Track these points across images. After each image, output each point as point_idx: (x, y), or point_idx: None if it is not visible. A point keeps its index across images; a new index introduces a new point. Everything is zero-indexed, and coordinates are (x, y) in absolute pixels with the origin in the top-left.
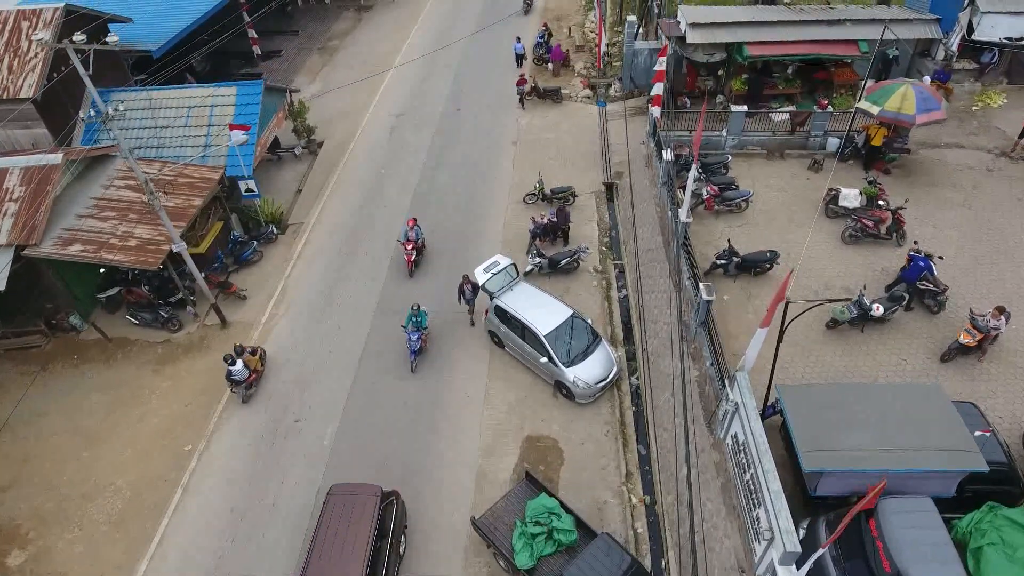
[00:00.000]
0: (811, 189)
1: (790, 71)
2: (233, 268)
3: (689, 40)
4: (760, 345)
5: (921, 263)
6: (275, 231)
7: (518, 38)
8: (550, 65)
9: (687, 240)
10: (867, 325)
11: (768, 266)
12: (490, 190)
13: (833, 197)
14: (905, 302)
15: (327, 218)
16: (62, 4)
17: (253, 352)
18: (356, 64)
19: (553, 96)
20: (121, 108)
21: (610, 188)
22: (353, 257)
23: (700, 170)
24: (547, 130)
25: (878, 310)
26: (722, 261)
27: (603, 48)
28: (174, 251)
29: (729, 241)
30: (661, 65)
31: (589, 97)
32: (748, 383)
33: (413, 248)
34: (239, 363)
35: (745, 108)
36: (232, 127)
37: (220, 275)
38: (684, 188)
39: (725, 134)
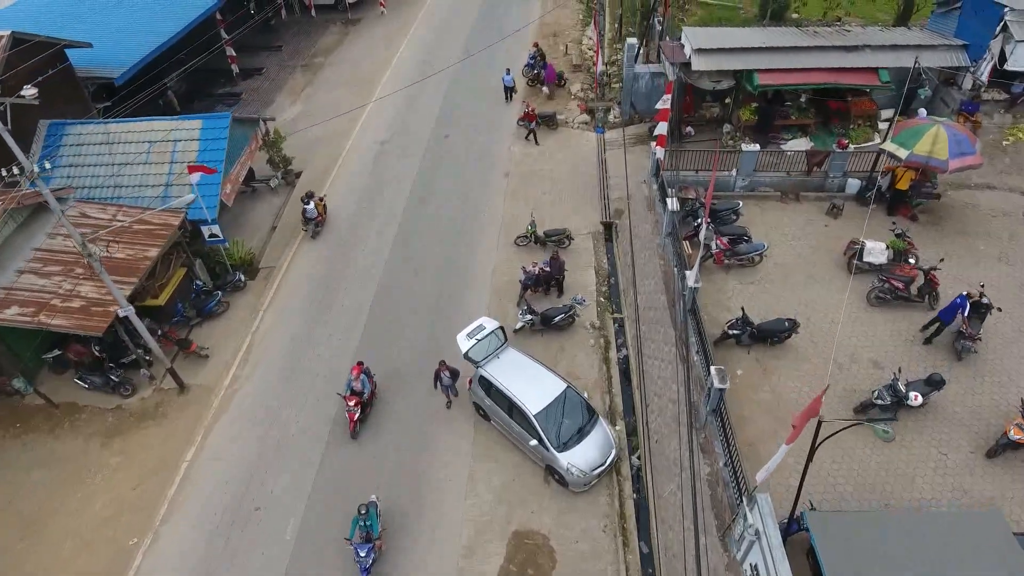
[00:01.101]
0: (830, 238)
1: (803, 100)
2: (196, 321)
3: (695, 67)
4: (781, 458)
5: (957, 300)
6: (243, 278)
7: (508, 70)
8: (544, 88)
9: (695, 306)
10: (901, 410)
11: (787, 335)
12: (479, 229)
13: (857, 252)
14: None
15: (301, 261)
16: (8, 32)
17: (320, 199)
18: (340, 84)
19: (548, 122)
20: (48, 167)
21: (609, 228)
22: (327, 308)
23: (708, 220)
24: (541, 160)
25: (916, 400)
26: (735, 332)
27: (601, 68)
28: (120, 316)
29: (743, 310)
30: (665, 103)
31: (587, 123)
32: (771, 508)
33: (357, 405)
34: (311, 203)
35: (757, 148)
36: (191, 168)
37: (180, 330)
38: (691, 239)
39: (735, 174)
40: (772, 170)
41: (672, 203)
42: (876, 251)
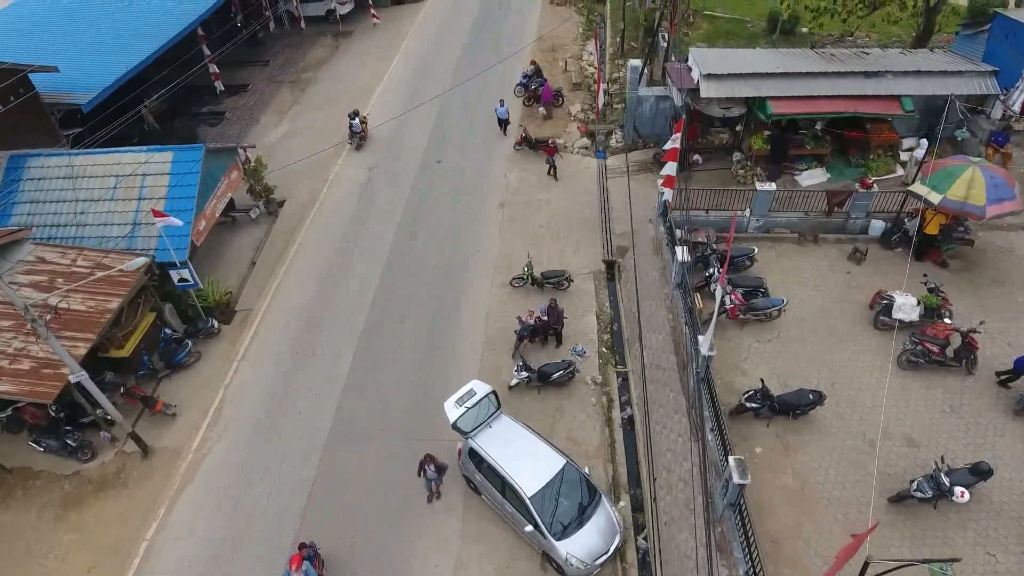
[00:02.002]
0: (854, 287)
1: (818, 128)
2: (164, 374)
3: (704, 94)
4: None
5: None
6: (216, 325)
7: (501, 101)
8: (541, 108)
9: (709, 374)
10: (941, 500)
11: (810, 408)
12: (472, 268)
13: (885, 307)
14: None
15: (281, 303)
16: None
17: (363, 118)
18: (329, 102)
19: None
20: None
21: (611, 267)
22: (306, 359)
23: (720, 269)
24: (539, 189)
25: (963, 497)
26: (753, 405)
27: (603, 99)
28: (72, 382)
29: (763, 381)
30: (675, 142)
31: (587, 148)
32: None
33: None
34: (356, 120)
35: (773, 187)
36: (156, 213)
37: (147, 384)
38: (702, 288)
39: (748, 215)
40: (789, 210)
41: (681, 254)
42: (906, 307)
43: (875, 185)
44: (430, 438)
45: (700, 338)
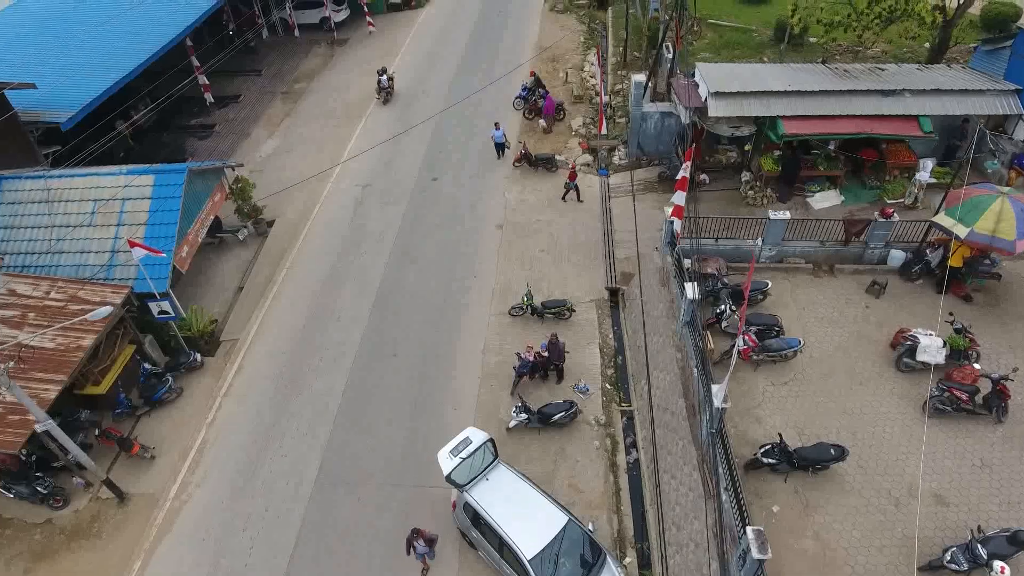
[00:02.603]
0: (873, 324)
1: (831, 147)
2: (143, 411)
3: (712, 113)
4: None
5: None
6: (199, 358)
7: (497, 124)
8: (541, 121)
9: (722, 427)
10: (978, 570)
11: (832, 463)
12: (468, 295)
13: (909, 348)
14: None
15: (268, 333)
16: None
17: (391, 76)
18: (322, 115)
19: (547, 165)
20: None
21: (615, 293)
22: (294, 395)
23: (734, 307)
24: (539, 209)
25: (1003, 572)
26: (770, 461)
27: (605, 98)
28: (38, 432)
29: (780, 437)
30: (685, 171)
31: (589, 165)
32: None
33: None
34: (385, 76)
35: (787, 216)
36: (132, 243)
37: (124, 423)
38: (713, 325)
39: (760, 243)
40: (803, 238)
41: (692, 291)
42: (932, 349)
43: (896, 214)
44: (423, 484)
45: (713, 388)
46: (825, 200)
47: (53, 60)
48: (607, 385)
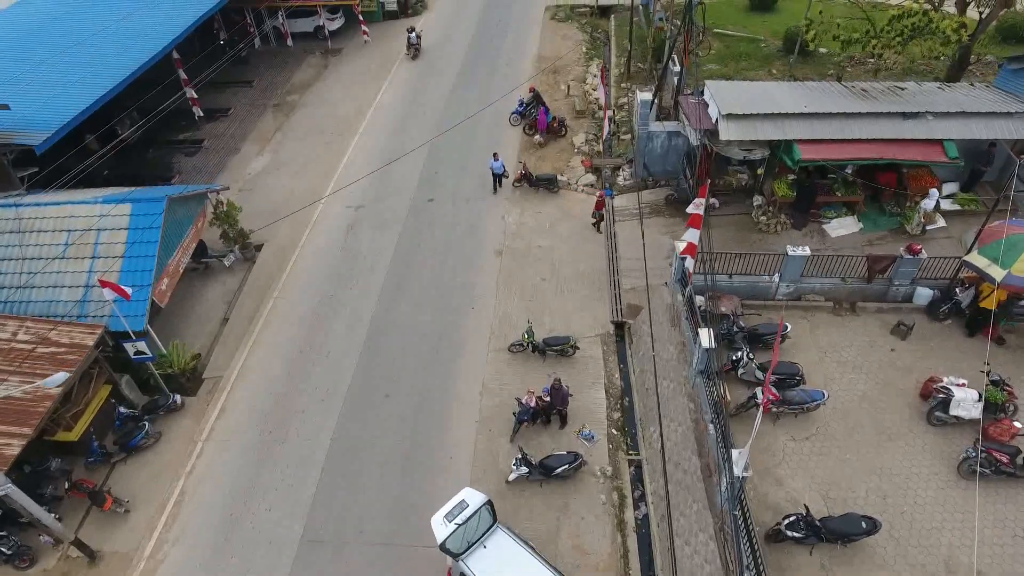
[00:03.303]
0: (900, 369)
1: (849, 171)
2: (119, 458)
3: (723, 136)
4: None
5: None
6: (179, 400)
7: (495, 155)
8: (537, 136)
9: (743, 494)
10: None
11: (863, 536)
12: (466, 328)
13: (942, 402)
14: None
15: (253, 371)
16: None
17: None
18: (314, 130)
19: (548, 185)
20: None
21: (621, 326)
22: (279, 440)
23: (750, 353)
24: (540, 234)
25: None
26: (795, 534)
27: (608, 113)
28: None
29: (807, 508)
30: (699, 208)
31: (592, 185)
32: None
33: None
34: (414, 34)
35: (806, 252)
36: (103, 283)
37: (98, 471)
38: (729, 371)
39: (777, 280)
40: (823, 274)
41: (706, 338)
42: (966, 403)
43: (924, 251)
44: (415, 543)
45: (734, 453)
46: (842, 227)
47: (30, 77)
48: (613, 431)
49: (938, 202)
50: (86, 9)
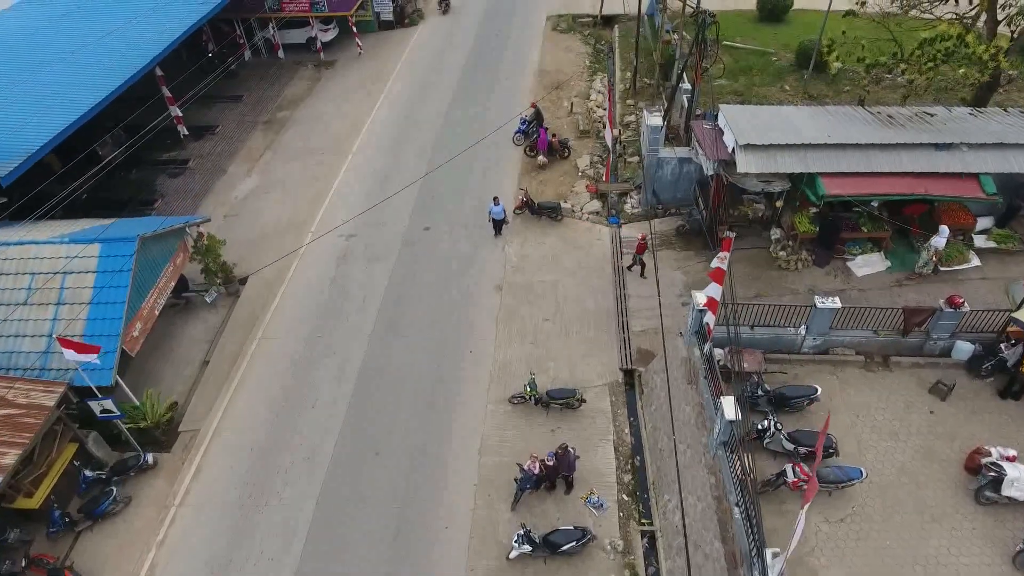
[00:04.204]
0: (941, 435)
1: (875, 204)
2: (84, 526)
3: (741, 169)
4: None
5: None
6: (150, 459)
7: (496, 199)
8: (541, 157)
9: None
10: None
11: None
12: (463, 376)
13: (992, 481)
14: None
15: (232, 423)
16: None
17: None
18: (305, 151)
19: (551, 214)
20: None
21: (630, 374)
22: (259, 504)
23: (778, 422)
24: (543, 267)
25: None
26: None
27: (613, 131)
28: None
29: None
30: (722, 262)
31: (598, 213)
32: None
33: None
34: None
35: (837, 302)
36: (64, 344)
37: (61, 541)
38: (752, 440)
39: (803, 332)
40: (854, 326)
41: (730, 409)
42: (1020, 482)
43: (966, 303)
44: None
45: (767, 555)
46: (868, 265)
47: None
48: (624, 496)
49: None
50: (63, 24)
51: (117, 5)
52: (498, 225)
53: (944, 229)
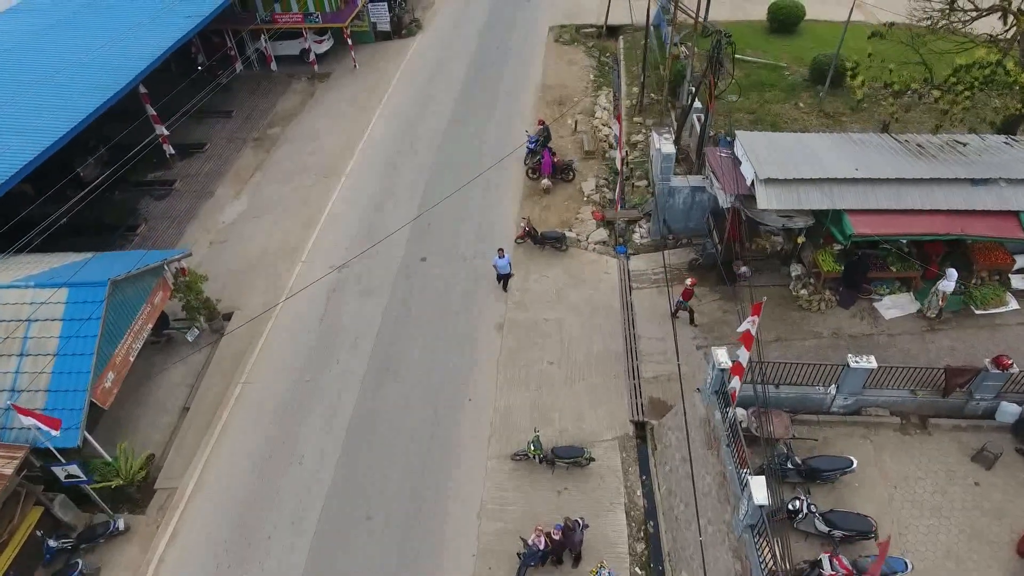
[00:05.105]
0: (988, 512)
1: (904, 241)
2: None
3: (763, 205)
4: None
5: None
6: (121, 525)
7: (501, 251)
8: (546, 181)
9: None
10: None
11: None
12: (462, 427)
13: None
14: None
15: (213, 481)
16: None
17: None
18: (297, 171)
19: (555, 244)
20: None
21: (642, 427)
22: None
23: (813, 504)
24: (547, 303)
25: None
26: None
27: (621, 151)
28: None
29: None
30: (751, 325)
31: (604, 242)
32: None
33: None
34: None
35: (872, 362)
36: (21, 412)
37: None
38: (782, 520)
39: (833, 392)
40: (889, 385)
41: (760, 492)
42: None
43: (1014, 364)
44: None
45: None
46: (896, 307)
47: None
48: (637, 569)
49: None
50: (40, 43)
51: (97, 20)
52: (504, 280)
53: (952, 272)
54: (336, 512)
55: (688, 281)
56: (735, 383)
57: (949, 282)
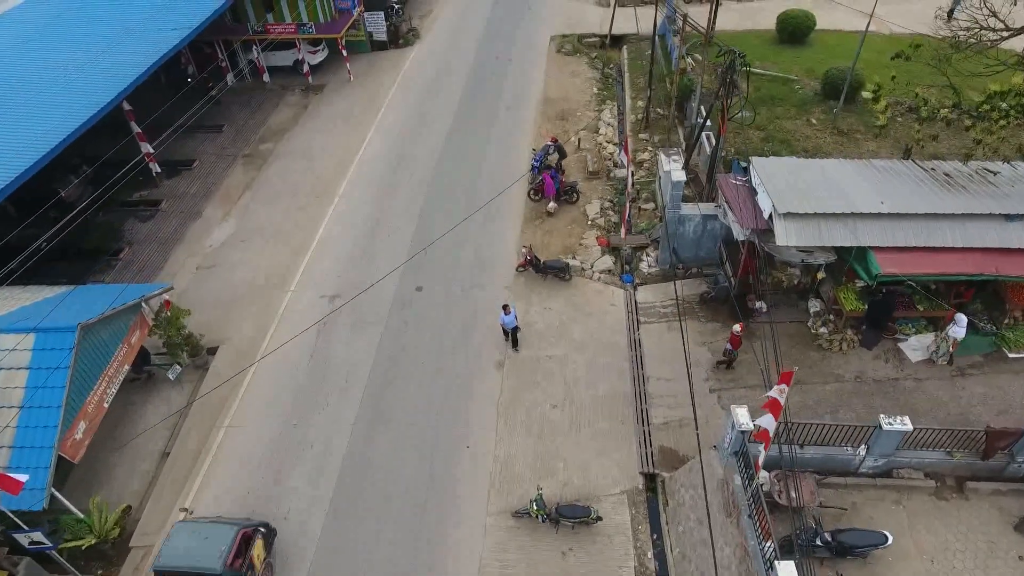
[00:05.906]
0: None
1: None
2: None
3: (781, 241)
4: None
5: None
6: None
7: (506, 307)
8: (552, 204)
9: None
10: None
11: None
12: (459, 478)
13: None
14: None
15: None
16: None
17: None
18: (287, 193)
19: (558, 273)
20: None
21: (652, 478)
22: None
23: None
24: (549, 338)
25: None
26: None
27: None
28: None
29: None
30: (781, 394)
31: (610, 271)
32: None
33: None
34: None
35: (907, 423)
36: None
37: None
38: None
39: (863, 452)
40: (923, 446)
41: (785, 569)
42: None
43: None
44: None
45: None
46: (923, 348)
47: None
48: None
49: None
50: (21, 56)
51: (80, 31)
52: (510, 335)
53: (962, 318)
54: (323, 573)
55: (737, 328)
56: (759, 451)
57: (959, 328)
